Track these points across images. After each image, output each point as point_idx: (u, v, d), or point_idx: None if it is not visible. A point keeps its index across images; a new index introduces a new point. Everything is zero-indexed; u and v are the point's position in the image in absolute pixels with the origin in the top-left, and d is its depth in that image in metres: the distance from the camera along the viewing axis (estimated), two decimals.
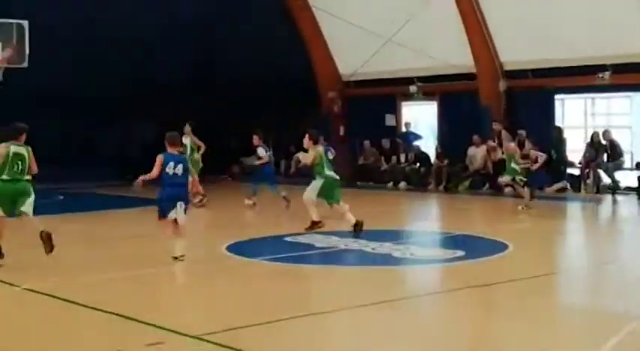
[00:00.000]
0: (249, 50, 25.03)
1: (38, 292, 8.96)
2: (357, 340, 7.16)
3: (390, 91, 25.66)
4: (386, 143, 25.49)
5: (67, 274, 10.17)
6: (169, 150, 11.31)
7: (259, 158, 18.33)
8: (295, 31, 26.42)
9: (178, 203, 11.12)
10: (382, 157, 25.47)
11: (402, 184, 23.95)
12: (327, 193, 14.08)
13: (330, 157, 15.67)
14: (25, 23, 20.69)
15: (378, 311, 8.17)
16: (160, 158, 11.09)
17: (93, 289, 9.32)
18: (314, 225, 13.90)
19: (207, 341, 6.79)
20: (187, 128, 18.90)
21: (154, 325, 7.34)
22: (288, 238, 13.07)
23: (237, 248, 12.09)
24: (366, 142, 25.75)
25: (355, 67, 25.65)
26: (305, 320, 7.67)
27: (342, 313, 8.22)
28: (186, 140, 18.31)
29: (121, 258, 11.86)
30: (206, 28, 24.52)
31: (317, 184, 14.09)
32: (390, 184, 24.34)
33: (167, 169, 11.02)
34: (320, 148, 14.33)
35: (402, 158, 25.13)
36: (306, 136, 14.37)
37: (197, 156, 18.94)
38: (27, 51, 20.76)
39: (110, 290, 9.31)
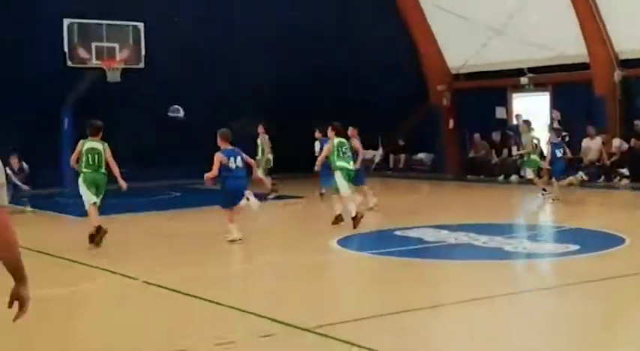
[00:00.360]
0: (356, 43, 25.07)
1: (152, 284, 9.30)
2: (469, 334, 7.12)
3: (501, 83, 25.26)
4: (496, 136, 25.09)
5: (176, 267, 10.51)
6: (224, 146, 12.16)
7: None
8: (403, 24, 26.31)
9: (247, 192, 12.10)
10: (493, 150, 25.09)
11: (514, 178, 23.52)
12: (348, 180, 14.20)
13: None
14: (141, 25, 21.42)
15: (489, 305, 8.09)
16: (218, 156, 11.93)
17: (202, 282, 9.58)
18: (356, 218, 13.60)
19: (318, 334, 6.88)
20: (261, 128, 19.82)
21: (266, 317, 7.50)
22: (397, 232, 13.07)
23: (347, 242, 12.18)
24: (476, 135, 25.42)
25: (464, 60, 25.35)
26: (416, 314, 7.67)
27: (454, 307, 8.18)
28: (259, 139, 19.59)
29: (225, 252, 12.15)
30: (315, 27, 24.65)
31: (339, 177, 14.05)
32: (501, 177, 23.95)
33: (229, 165, 11.89)
34: (335, 141, 14.32)
35: (514, 151, 24.66)
36: (330, 128, 14.62)
37: (268, 155, 19.74)
38: (143, 52, 21.50)
39: (222, 283, 9.55)
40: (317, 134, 18.35)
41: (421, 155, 27.67)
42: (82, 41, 20.98)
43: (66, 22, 20.66)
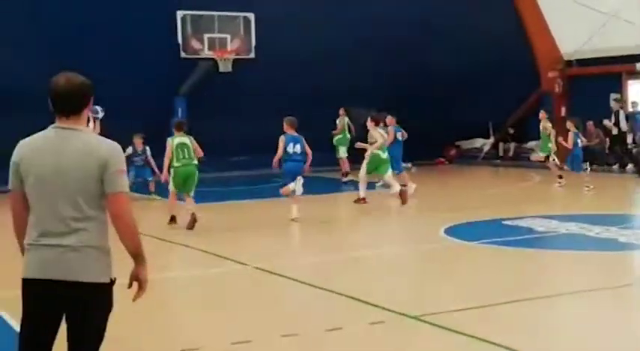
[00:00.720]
0: (466, 30, 24.74)
1: (265, 271, 9.54)
2: (577, 325, 7.04)
3: (615, 70, 24.49)
4: (611, 124, 24.36)
5: (286, 254, 10.74)
6: (289, 131, 13.60)
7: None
8: (514, 11, 25.83)
9: (297, 178, 13.42)
10: (607, 139, 24.38)
11: (629, 167, 22.81)
12: (373, 168, 15.34)
13: (400, 138, 17.74)
14: (252, 16, 21.79)
15: (601, 297, 7.96)
16: (282, 139, 13.52)
17: (312, 270, 9.76)
18: (359, 200, 15.32)
19: (426, 322, 6.94)
20: (342, 111, 21.53)
21: (375, 305, 7.61)
22: (506, 222, 12.93)
23: (454, 231, 12.15)
24: (590, 123, 24.72)
25: (577, 46, 24.69)
26: (524, 305, 7.62)
27: (563, 298, 8.09)
28: (341, 121, 21.46)
29: (335, 241, 12.33)
30: (423, 14, 24.46)
31: (364, 162, 15.47)
32: (616, 166, 23.26)
33: (287, 149, 13.40)
34: (380, 131, 15.70)
35: (629, 140, 23.90)
36: (369, 119, 15.91)
37: (348, 135, 21.42)
38: (253, 43, 21.88)
39: (332, 271, 9.70)
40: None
41: (531, 143, 27.15)
42: (194, 32, 21.53)
43: (179, 14, 21.23)
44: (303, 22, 22.98)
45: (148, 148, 18.77)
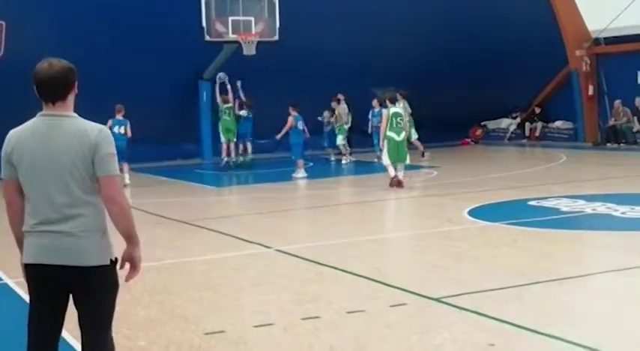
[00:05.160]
0: (492, 10, 24.49)
1: (287, 253, 9.57)
2: (603, 305, 6.98)
3: None
4: (639, 102, 24.08)
5: (311, 237, 10.76)
6: (294, 113, 18.39)
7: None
8: None
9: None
10: (635, 118, 24.10)
11: None
12: (394, 155, 15.35)
13: (301, 127, 18.78)
14: None
15: (627, 277, 7.89)
16: (290, 119, 18.31)
17: (334, 252, 9.77)
18: (392, 180, 15.45)
19: (449, 304, 6.92)
20: (398, 95, 20.82)
21: (397, 287, 7.60)
22: (532, 202, 12.85)
23: (479, 212, 12.09)
24: (617, 102, 24.47)
25: (605, 23, 24.36)
26: (549, 286, 7.56)
27: (590, 279, 8.03)
28: (399, 105, 20.51)
29: (359, 222, 12.33)
30: None
31: (385, 149, 15.47)
32: None
33: (298, 126, 18.52)
34: (392, 110, 15.61)
35: None
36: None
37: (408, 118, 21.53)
38: (277, 25, 21.82)
39: (352, 253, 9.71)
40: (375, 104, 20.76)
41: (558, 123, 26.95)
42: (219, 15, 21.49)
43: None
44: (327, 4, 22.91)
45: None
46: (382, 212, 13.87)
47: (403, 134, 15.55)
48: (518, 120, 27.81)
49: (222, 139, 21.97)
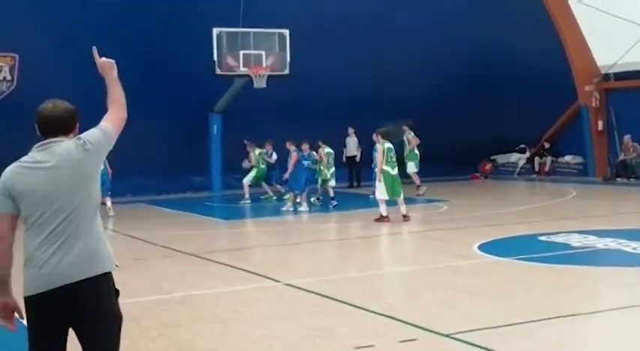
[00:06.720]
0: (503, 44, 24.60)
1: (296, 287, 9.53)
2: (614, 343, 6.92)
3: None
4: None
5: (318, 271, 10.74)
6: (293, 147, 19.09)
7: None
8: (551, 24, 25.64)
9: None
10: None
11: None
12: (389, 190, 15.60)
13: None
14: (287, 32, 21.86)
15: (638, 314, 7.82)
16: (295, 154, 18.76)
17: (345, 286, 9.73)
18: (381, 218, 15.53)
19: (459, 340, 6.86)
20: (405, 127, 21.75)
21: (407, 323, 7.55)
22: (542, 238, 12.79)
23: (489, 247, 12.04)
24: (627, 137, 24.45)
25: (614, 59, 24.43)
26: (561, 322, 7.50)
27: (600, 316, 7.96)
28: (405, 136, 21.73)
29: (367, 257, 12.30)
30: (457, 30, 24.33)
31: (381, 184, 15.67)
32: None
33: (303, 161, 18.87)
34: (386, 145, 15.86)
35: None
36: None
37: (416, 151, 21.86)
38: (288, 59, 21.94)
39: (362, 288, 9.66)
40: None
41: (568, 158, 26.92)
42: (230, 49, 21.63)
43: (215, 31, 21.34)
44: (336, 37, 23.07)
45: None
46: (392, 246, 13.84)
47: (396, 168, 15.89)
48: (528, 154, 27.80)
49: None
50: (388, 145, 15.98)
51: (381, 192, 15.74)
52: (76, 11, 20.37)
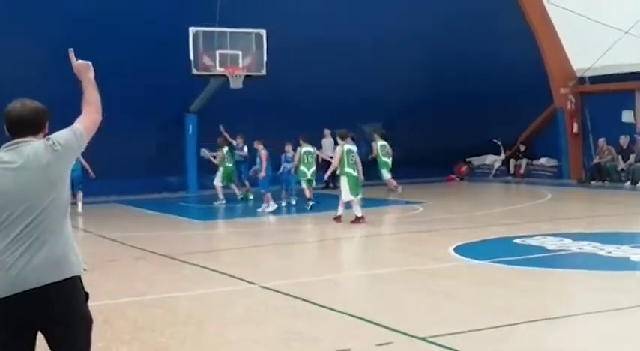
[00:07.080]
0: (477, 46, 24.66)
1: (272, 290, 9.48)
2: (590, 345, 6.93)
3: (628, 86, 24.37)
4: (624, 141, 24.23)
5: (293, 273, 10.68)
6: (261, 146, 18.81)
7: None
8: (525, 25, 25.74)
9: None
10: (619, 156, 24.24)
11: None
12: (354, 190, 15.64)
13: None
14: (263, 32, 21.78)
15: (613, 318, 7.85)
16: (265, 154, 18.69)
17: (320, 288, 9.68)
18: (357, 220, 15.45)
19: (435, 344, 6.85)
20: (375, 136, 21.94)
21: (383, 326, 7.52)
22: (517, 240, 12.83)
23: (464, 250, 12.05)
24: (602, 140, 24.63)
25: (590, 62, 24.58)
26: (536, 325, 7.51)
27: (575, 319, 7.98)
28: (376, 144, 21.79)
29: (341, 259, 12.25)
30: (435, 30, 24.34)
31: (344, 183, 15.69)
32: (628, 183, 23.10)
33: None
34: (345, 147, 15.95)
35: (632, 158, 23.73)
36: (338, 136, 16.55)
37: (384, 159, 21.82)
38: (265, 59, 21.87)
39: (338, 290, 9.62)
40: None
41: (543, 160, 27.08)
42: (206, 49, 21.52)
43: (191, 30, 21.20)
44: (313, 38, 23.00)
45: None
46: (368, 248, 13.81)
47: (357, 171, 15.91)
48: (503, 157, 27.92)
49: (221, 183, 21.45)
50: (348, 146, 16.03)
51: (346, 194, 15.73)
52: (52, 13, 20.18)
